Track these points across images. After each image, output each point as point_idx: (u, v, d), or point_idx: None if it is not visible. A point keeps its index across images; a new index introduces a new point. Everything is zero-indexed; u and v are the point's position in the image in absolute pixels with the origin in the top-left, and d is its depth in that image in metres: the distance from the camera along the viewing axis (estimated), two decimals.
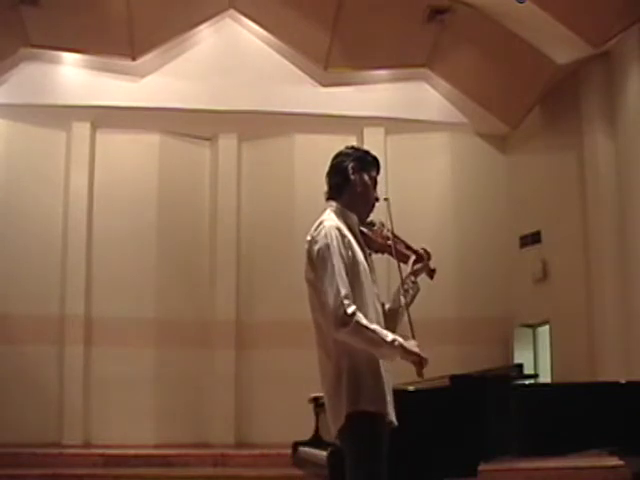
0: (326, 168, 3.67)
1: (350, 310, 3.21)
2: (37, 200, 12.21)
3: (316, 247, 3.37)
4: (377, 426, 3.31)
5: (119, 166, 12.61)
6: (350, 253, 3.38)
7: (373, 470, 3.27)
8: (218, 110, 12.33)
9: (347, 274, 3.31)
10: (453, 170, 13.03)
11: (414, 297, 3.71)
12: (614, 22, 10.22)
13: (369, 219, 3.68)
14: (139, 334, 12.14)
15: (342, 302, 3.21)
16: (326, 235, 3.37)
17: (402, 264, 3.68)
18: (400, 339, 3.30)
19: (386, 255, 3.75)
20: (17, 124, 12.16)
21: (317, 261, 3.35)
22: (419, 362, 3.28)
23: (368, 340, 3.24)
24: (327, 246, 3.34)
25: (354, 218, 3.56)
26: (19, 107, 11.97)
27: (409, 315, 3.57)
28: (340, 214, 3.52)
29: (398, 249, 3.70)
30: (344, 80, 12.68)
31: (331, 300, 3.23)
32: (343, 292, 3.24)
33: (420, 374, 3.30)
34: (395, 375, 3.45)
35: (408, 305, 3.63)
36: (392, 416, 3.38)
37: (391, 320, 3.62)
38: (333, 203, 3.57)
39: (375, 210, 3.67)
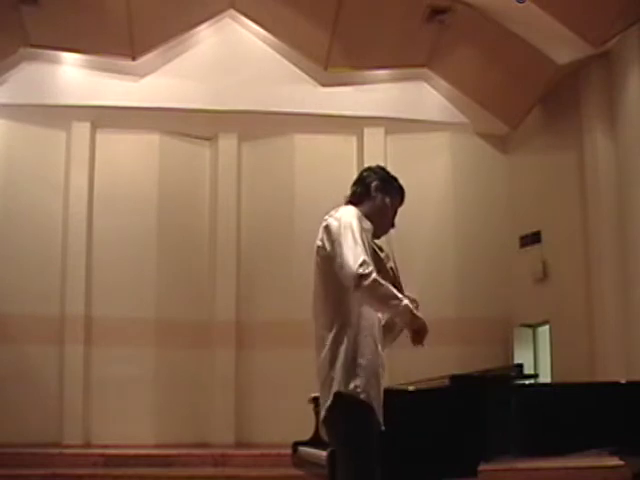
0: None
1: (369, 269, 3.25)
2: (37, 200, 12.20)
3: (338, 223, 3.39)
4: (366, 413, 3.26)
5: (119, 166, 12.60)
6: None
7: (360, 452, 3.21)
8: (218, 110, 12.33)
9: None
10: (453, 170, 13.02)
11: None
12: (614, 22, 10.22)
13: (379, 244, 3.66)
14: (139, 334, 12.13)
15: (364, 261, 3.25)
16: (350, 216, 3.42)
17: None
18: (410, 305, 3.34)
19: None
20: (17, 124, 12.16)
21: (339, 230, 3.35)
22: (421, 329, 3.31)
23: (383, 295, 3.29)
24: (351, 224, 3.38)
25: (370, 226, 3.54)
26: (19, 107, 11.97)
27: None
28: (357, 216, 3.49)
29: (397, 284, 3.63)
30: (344, 80, 12.67)
31: (351, 260, 3.26)
32: (363, 256, 3.28)
33: (420, 342, 3.31)
34: (396, 376, 3.44)
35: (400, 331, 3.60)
36: (380, 417, 3.32)
37: (386, 334, 3.56)
38: (352, 207, 3.57)
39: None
